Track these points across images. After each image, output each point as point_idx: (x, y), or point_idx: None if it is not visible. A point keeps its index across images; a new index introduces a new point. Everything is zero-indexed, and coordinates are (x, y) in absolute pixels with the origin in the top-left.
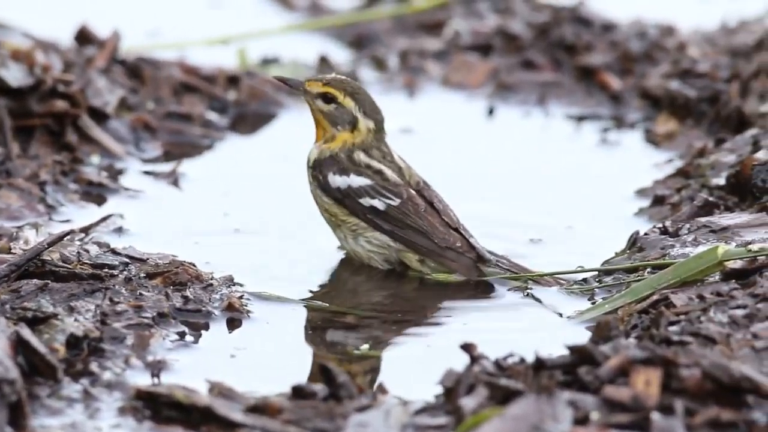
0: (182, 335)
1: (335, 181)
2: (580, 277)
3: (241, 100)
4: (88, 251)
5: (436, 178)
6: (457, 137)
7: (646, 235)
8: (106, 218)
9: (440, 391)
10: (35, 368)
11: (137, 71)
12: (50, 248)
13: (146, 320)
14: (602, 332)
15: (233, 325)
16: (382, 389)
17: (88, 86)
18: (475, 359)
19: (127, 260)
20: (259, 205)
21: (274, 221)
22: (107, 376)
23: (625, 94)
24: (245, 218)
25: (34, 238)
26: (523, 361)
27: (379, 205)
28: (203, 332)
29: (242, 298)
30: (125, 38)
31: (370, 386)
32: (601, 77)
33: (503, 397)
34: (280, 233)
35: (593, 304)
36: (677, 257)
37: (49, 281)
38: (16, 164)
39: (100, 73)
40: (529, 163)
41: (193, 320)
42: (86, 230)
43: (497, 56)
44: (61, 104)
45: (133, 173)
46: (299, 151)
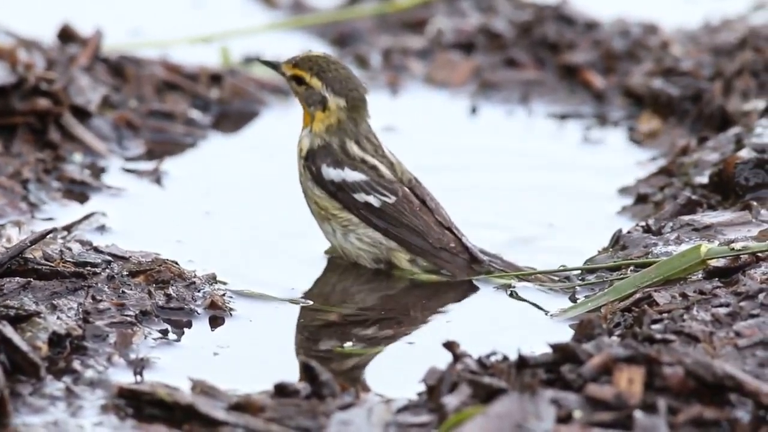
0: (165, 333)
1: (329, 173)
2: (563, 275)
3: (223, 98)
4: (70, 249)
5: (418, 176)
6: (439, 135)
7: (629, 233)
8: (88, 216)
9: (423, 389)
10: (17, 366)
11: (120, 69)
12: (33, 246)
13: (129, 318)
14: (585, 330)
15: (216, 323)
16: (364, 387)
17: (70, 84)
18: (458, 357)
19: (109, 258)
20: (241, 203)
21: (256, 219)
22: (90, 374)
23: (608, 92)
24: (228, 216)
25: (16, 236)
26: (506, 359)
27: (374, 201)
28: (186, 330)
29: (225, 296)
30: (108, 36)
31: (352, 384)
32: (584, 75)
33: (486, 395)
34: (263, 231)
35: (576, 302)
36: (660, 255)
37: (31, 279)
38: None
39: (82, 71)
40: (511, 161)
41: (175, 318)
42: (69, 228)
43: (480, 54)
44: (43, 102)
45: (115, 171)
46: (282, 149)
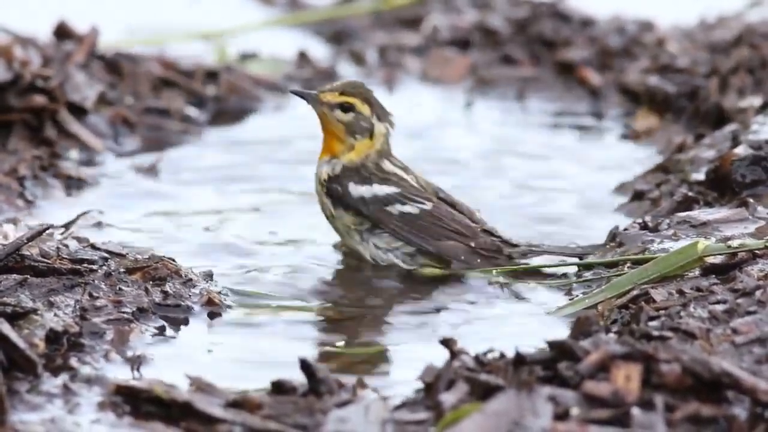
0: (162, 330)
1: (358, 190)
2: (560, 271)
3: (220, 95)
4: (67, 246)
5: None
6: (435, 132)
7: (626, 230)
8: (85, 213)
9: (420, 386)
10: (14, 363)
11: (116, 66)
12: (29, 243)
13: (126, 315)
14: (582, 327)
15: (213, 320)
16: (362, 384)
17: (66, 81)
18: (455, 354)
19: (106, 255)
20: (238, 200)
21: (253, 216)
22: (87, 371)
23: (604, 89)
24: (224, 213)
25: (13, 233)
26: (503, 356)
27: (411, 209)
28: (183, 327)
29: (221, 293)
30: (104, 33)
31: (350, 382)
32: (580, 72)
33: (483, 392)
34: (259, 228)
35: (573, 299)
36: (657, 252)
37: (28, 276)
38: None
39: (79, 68)
40: (507, 158)
41: (172, 315)
42: (66, 225)
43: (476, 51)
44: (39, 99)
45: (112, 168)
46: (278, 145)
